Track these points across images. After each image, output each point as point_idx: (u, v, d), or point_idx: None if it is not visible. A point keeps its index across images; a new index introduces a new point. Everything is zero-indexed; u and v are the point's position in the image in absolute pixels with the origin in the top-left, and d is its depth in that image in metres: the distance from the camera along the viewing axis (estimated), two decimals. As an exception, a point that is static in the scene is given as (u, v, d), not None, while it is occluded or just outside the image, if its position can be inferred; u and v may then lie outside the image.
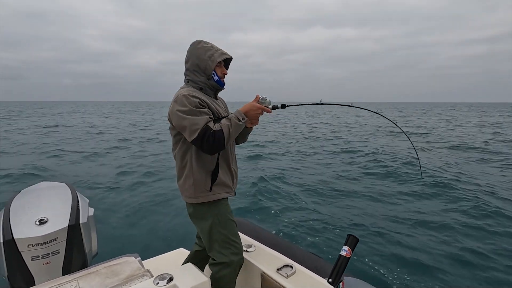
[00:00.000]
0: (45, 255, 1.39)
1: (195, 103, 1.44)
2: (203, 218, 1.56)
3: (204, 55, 1.54)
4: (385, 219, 4.44)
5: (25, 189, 1.66)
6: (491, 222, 4.26)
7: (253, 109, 1.50)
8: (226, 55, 1.58)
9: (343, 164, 8.73)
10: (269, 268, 1.61)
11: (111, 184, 6.77)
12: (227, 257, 1.54)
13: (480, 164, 8.58)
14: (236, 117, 1.47)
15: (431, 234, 3.94)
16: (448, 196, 5.49)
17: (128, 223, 4.58)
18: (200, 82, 1.57)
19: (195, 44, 1.58)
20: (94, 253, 1.66)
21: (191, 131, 1.40)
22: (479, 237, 3.87)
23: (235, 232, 1.60)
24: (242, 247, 1.62)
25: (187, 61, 1.59)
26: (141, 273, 1.38)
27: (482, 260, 3.33)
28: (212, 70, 1.55)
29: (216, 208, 1.55)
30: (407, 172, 7.33)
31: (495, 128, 20.32)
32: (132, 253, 1.56)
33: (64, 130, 18.08)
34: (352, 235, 1.23)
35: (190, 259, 1.83)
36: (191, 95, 1.45)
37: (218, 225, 1.55)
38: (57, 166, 8.53)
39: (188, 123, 1.41)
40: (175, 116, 1.44)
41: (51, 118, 29.17)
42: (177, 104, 1.45)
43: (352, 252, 1.21)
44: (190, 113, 1.42)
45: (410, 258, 3.39)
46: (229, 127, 1.44)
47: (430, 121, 26.67)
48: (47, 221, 1.42)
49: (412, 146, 1.82)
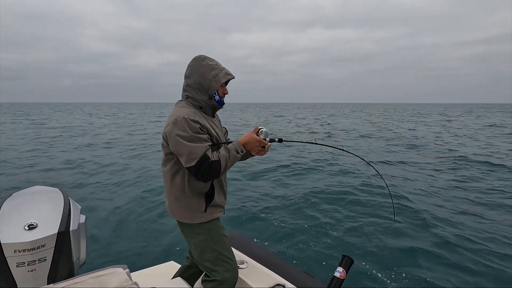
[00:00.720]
0: (31, 262, 1.35)
1: (195, 129, 1.41)
2: (196, 235, 1.54)
3: (209, 74, 1.50)
4: (382, 240, 4.38)
5: (16, 192, 1.63)
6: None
7: (251, 141, 1.50)
8: (230, 75, 1.57)
9: (339, 179, 8.70)
10: (261, 286, 1.57)
11: (104, 192, 6.69)
12: (220, 274, 1.51)
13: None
14: (235, 150, 1.46)
15: (432, 257, 3.88)
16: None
17: (118, 233, 4.49)
18: (201, 101, 1.53)
19: (199, 60, 1.54)
20: (82, 262, 1.62)
21: (188, 159, 1.38)
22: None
23: (227, 248, 1.58)
24: (235, 263, 1.59)
25: (189, 76, 1.54)
26: (128, 286, 1.34)
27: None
28: (215, 91, 1.53)
29: (208, 225, 1.54)
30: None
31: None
32: (120, 264, 1.52)
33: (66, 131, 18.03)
34: (347, 256, 1.21)
35: (180, 273, 1.79)
36: (192, 119, 1.41)
37: (211, 241, 1.52)
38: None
39: (187, 151, 1.37)
40: (174, 140, 1.40)
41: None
42: (176, 128, 1.40)
43: (346, 274, 1.19)
44: (190, 140, 1.38)
45: (408, 281, 3.33)
46: (227, 159, 1.43)
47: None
48: (36, 227, 1.39)
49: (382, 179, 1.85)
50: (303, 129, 22.35)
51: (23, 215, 1.44)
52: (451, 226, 4.80)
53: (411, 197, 6.15)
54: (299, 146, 13.02)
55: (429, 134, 18.61)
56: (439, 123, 28.12)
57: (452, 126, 25.15)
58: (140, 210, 5.51)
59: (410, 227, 4.80)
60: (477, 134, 18.58)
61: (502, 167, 9.07)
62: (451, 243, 4.18)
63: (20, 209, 1.48)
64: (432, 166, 9.44)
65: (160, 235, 4.41)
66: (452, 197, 6.36)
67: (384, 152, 12.20)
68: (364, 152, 12.04)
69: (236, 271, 1.57)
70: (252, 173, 8.51)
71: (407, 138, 16.23)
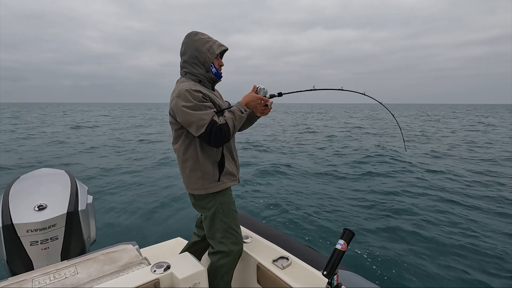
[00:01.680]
0: (44, 241, 1.40)
1: (199, 98, 1.44)
2: (208, 206, 1.58)
3: (203, 47, 1.54)
4: (381, 215, 4.47)
5: (24, 175, 1.66)
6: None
7: (252, 100, 1.53)
8: (223, 46, 1.60)
9: (342, 159, 8.76)
10: (265, 259, 1.63)
11: (112, 173, 6.79)
12: (227, 246, 1.56)
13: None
14: (239, 110, 1.49)
15: (429, 231, 3.98)
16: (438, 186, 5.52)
17: (126, 212, 4.61)
18: (199, 75, 1.57)
19: (192, 36, 1.56)
20: (93, 240, 1.68)
21: (198, 126, 1.41)
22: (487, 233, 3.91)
23: (236, 223, 1.62)
24: (242, 238, 1.64)
25: (184, 53, 1.57)
26: (138, 261, 1.40)
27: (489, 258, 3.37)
28: (211, 62, 1.56)
29: (221, 197, 1.58)
30: (404, 168, 7.36)
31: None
32: (130, 241, 1.57)
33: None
34: (348, 229, 1.24)
35: (187, 248, 1.85)
36: (194, 89, 1.45)
37: (221, 214, 1.57)
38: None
39: (195, 119, 1.41)
40: (181, 112, 1.43)
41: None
42: (180, 100, 1.43)
43: (347, 246, 1.22)
44: (196, 108, 1.42)
45: (405, 253, 3.43)
46: (233, 120, 1.46)
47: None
48: (46, 207, 1.43)
49: (396, 123, 1.94)
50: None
51: (32, 196, 1.48)
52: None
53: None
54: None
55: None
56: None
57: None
58: (146, 189, 5.62)
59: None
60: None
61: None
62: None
63: (29, 191, 1.51)
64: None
65: (167, 213, 4.52)
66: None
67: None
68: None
69: (241, 245, 1.62)
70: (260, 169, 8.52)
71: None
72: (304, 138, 14.03)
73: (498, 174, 6.93)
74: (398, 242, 3.68)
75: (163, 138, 13.80)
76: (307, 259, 1.61)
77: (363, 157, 8.89)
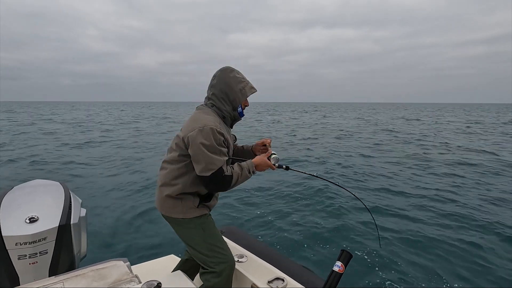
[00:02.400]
0: (33, 255, 1.36)
1: (219, 141, 1.46)
2: (188, 230, 1.57)
3: (236, 86, 1.57)
4: (381, 235, 4.40)
5: (17, 185, 1.64)
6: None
7: (262, 165, 1.58)
8: (254, 89, 1.63)
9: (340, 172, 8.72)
10: (260, 280, 1.58)
11: (106, 185, 6.71)
12: (217, 265, 1.53)
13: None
14: (248, 169, 1.52)
15: (428, 254, 3.91)
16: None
17: (118, 227, 4.52)
18: (225, 111, 1.60)
19: (227, 72, 1.59)
20: (83, 255, 1.63)
21: (204, 169, 1.42)
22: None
23: (220, 240, 1.61)
24: (230, 255, 1.61)
25: (215, 86, 1.59)
26: (129, 278, 1.35)
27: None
28: (240, 103, 1.60)
29: (200, 219, 1.58)
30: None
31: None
32: (121, 257, 1.53)
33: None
34: (345, 251, 1.22)
35: (180, 266, 1.81)
36: (219, 131, 1.46)
37: (203, 235, 1.56)
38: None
39: (206, 160, 1.42)
40: (196, 147, 1.43)
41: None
42: (201, 136, 1.43)
43: (345, 268, 1.19)
44: (211, 150, 1.42)
45: (405, 278, 3.35)
46: (239, 176, 1.49)
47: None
48: (37, 220, 1.40)
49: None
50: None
51: (24, 208, 1.44)
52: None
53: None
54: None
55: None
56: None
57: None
58: (140, 204, 5.53)
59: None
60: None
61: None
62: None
63: (21, 202, 1.48)
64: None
65: (160, 229, 4.43)
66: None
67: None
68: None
69: (232, 262, 1.59)
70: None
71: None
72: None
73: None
74: (400, 265, 3.61)
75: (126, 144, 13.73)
76: (303, 281, 1.57)
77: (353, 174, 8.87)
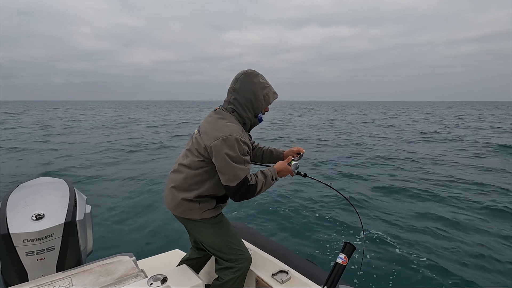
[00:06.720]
0: (40, 251, 1.38)
1: (244, 151, 1.42)
2: (205, 229, 1.56)
3: (260, 93, 1.51)
4: (384, 227, 4.42)
5: (23, 183, 1.66)
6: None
7: (283, 171, 1.57)
8: (276, 95, 1.59)
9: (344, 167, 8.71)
10: (265, 273, 1.60)
11: (110, 182, 6.76)
12: (235, 261, 1.54)
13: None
14: (271, 177, 1.50)
15: (431, 244, 3.92)
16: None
17: (124, 222, 4.56)
18: (245, 118, 1.54)
19: (252, 76, 1.51)
20: (89, 251, 1.66)
21: (230, 179, 1.39)
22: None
23: (236, 237, 1.61)
24: (247, 250, 1.61)
25: (238, 91, 1.51)
26: (135, 273, 1.37)
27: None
28: (261, 110, 1.56)
29: (216, 219, 1.57)
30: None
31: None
32: (127, 252, 1.55)
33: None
34: (349, 243, 1.23)
35: (185, 261, 1.82)
36: (243, 140, 1.42)
37: (220, 233, 1.55)
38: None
39: (232, 172, 1.38)
40: (221, 158, 1.38)
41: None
42: (226, 146, 1.38)
43: (348, 260, 1.20)
44: (236, 161, 1.39)
45: (407, 268, 3.37)
46: (263, 184, 1.46)
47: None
48: (43, 217, 1.42)
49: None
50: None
51: (30, 205, 1.46)
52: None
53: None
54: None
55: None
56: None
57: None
58: (144, 200, 5.58)
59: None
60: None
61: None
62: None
63: (27, 200, 1.50)
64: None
65: (165, 224, 4.47)
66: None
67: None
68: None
69: (249, 257, 1.59)
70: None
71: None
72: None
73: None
74: (402, 256, 3.62)
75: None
76: (307, 273, 1.58)
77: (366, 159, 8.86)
